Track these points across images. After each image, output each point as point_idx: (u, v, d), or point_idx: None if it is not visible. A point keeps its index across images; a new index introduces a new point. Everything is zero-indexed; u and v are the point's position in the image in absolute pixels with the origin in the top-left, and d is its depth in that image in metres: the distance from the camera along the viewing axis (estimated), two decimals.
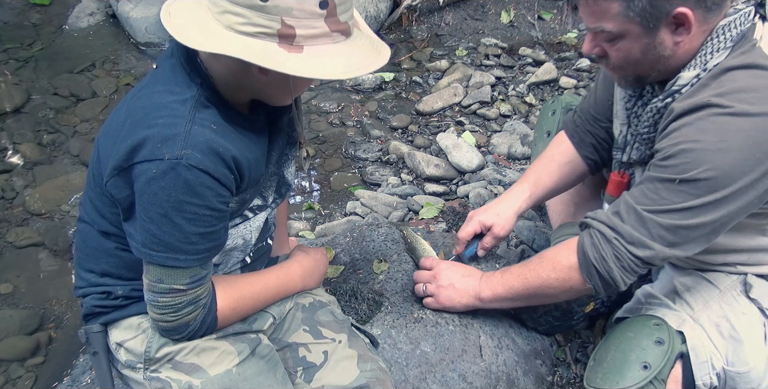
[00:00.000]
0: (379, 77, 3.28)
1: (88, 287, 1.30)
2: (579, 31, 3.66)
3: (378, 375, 1.38)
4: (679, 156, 1.25)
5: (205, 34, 1.04)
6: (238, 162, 1.12)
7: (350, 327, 1.48)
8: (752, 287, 1.48)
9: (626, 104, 1.52)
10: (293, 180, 1.44)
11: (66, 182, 2.68)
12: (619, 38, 1.29)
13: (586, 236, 1.39)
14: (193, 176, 1.06)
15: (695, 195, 1.25)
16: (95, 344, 1.30)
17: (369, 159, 2.79)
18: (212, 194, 1.09)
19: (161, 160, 1.05)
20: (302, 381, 1.38)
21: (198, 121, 1.09)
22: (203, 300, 1.20)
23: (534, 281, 1.48)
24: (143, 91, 1.16)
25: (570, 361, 1.82)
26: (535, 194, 1.76)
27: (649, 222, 1.30)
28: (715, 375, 1.43)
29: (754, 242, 1.45)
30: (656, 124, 1.42)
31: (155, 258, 1.12)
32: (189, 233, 1.11)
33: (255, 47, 1.02)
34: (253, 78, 1.11)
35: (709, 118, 1.23)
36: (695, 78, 1.30)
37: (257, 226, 1.34)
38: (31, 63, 3.45)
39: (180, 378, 1.25)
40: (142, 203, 1.09)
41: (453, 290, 1.62)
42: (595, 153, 1.76)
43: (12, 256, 2.37)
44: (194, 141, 1.06)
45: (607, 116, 1.70)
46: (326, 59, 1.05)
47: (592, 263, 1.37)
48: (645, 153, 1.50)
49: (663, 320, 1.45)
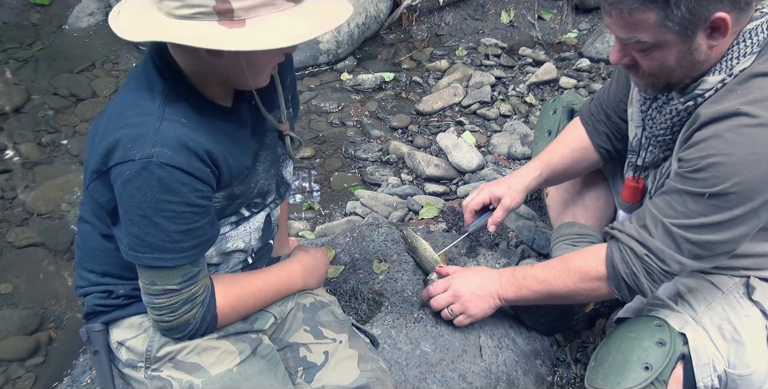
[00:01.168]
0: (379, 77, 3.28)
1: (89, 286, 1.30)
2: (579, 31, 3.66)
3: (378, 376, 1.37)
4: (709, 169, 1.23)
5: (144, 24, 1.02)
6: (212, 155, 1.10)
7: (351, 327, 1.48)
8: (755, 290, 1.48)
9: (641, 107, 1.51)
10: (292, 180, 1.43)
11: (66, 182, 2.68)
12: (653, 48, 1.25)
13: (616, 250, 1.39)
14: (166, 174, 1.05)
15: (725, 209, 1.24)
16: (96, 343, 1.30)
17: (369, 159, 2.79)
18: (189, 190, 1.08)
19: (133, 161, 1.04)
20: (303, 382, 1.38)
21: (167, 116, 1.07)
22: (200, 298, 1.19)
23: (560, 289, 1.48)
24: (120, 92, 1.16)
25: (570, 361, 1.82)
26: (545, 174, 1.76)
27: (678, 238, 1.29)
28: (716, 377, 1.42)
29: (760, 248, 1.44)
30: (674, 127, 1.41)
31: (142, 260, 1.12)
32: (171, 232, 1.09)
33: (192, 30, 0.99)
34: (210, 64, 1.08)
35: (738, 129, 1.21)
36: (720, 83, 1.28)
37: (256, 227, 1.34)
38: (31, 63, 3.45)
39: (181, 377, 1.25)
40: (122, 206, 1.09)
41: (478, 299, 1.59)
42: (608, 142, 1.75)
43: (12, 256, 2.37)
44: (163, 138, 1.05)
45: (617, 112, 1.70)
46: (269, 30, 1.00)
47: (622, 277, 1.38)
48: (658, 156, 1.50)
49: (665, 321, 1.45)
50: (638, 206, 1.62)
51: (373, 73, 3.33)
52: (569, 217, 1.91)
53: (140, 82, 1.13)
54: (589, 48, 3.42)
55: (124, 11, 1.08)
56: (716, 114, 1.24)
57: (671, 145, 1.44)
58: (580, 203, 1.92)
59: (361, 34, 3.51)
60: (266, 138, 1.31)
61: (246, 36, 0.99)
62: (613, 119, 1.72)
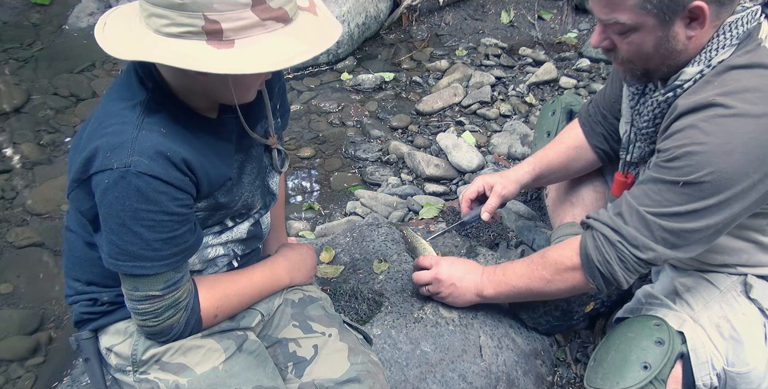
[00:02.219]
0: (379, 77, 3.28)
1: (75, 295, 1.31)
2: (579, 31, 3.66)
3: (369, 369, 1.36)
4: (684, 158, 1.24)
5: (131, 40, 1.01)
6: (189, 164, 1.10)
7: (341, 322, 1.47)
8: (752, 288, 1.48)
9: (630, 102, 1.52)
10: (277, 190, 1.43)
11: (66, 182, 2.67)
12: (632, 31, 1.27)
13: (589, 238, 1.39)
14: (144, 183, 1.04)
15: (699, 198, 1.25)
16: (86, 350, 1.31)
17: (369, 159, 2.79)
18: (167, 199, 1.08)
19: (111, 169, 1.04)
20: (293, 377, 1.37)
21: (146, 125, 1.07)
22: (183, 302, 1.19)
23: (537, 282, 1.49)
24: (102, 101, 1.16)
25: (570, 361, 1.82)
26: (537, 168, 1.79)
27: (652, 225, 1.30)
28: (715, 375, 1.43)
29: (754, 242, 1.45)
30: (656, 119, 1.41)
31: (122, 268, 1.12)
32: (150, 240, 1.09)
33: (180, 50, 0.98)
34: (195, 80, 1.07)
35: (713, 119, 1.22)
36: (698, 74, 1.30)
37: (239, 237, 1.33)
38: (31, 63, 3.45)
39: (167, 378, 1.25)
40: (102, 215, 1.09)
41: (455, 289, 1.62)
42: (605, 143, 1.76)
43: (12, 256, 2.37)
44: (141, 147, 1.04)
45: (612, 113, 1.71)
46: (258, 52, 0.99)
47: (595, 265, 1.37)
48: (645, 150, 1.50)
49: (663, 320, 1.45)
50: None
51: (373, 73, 3.33)
52: (569, 217, 1.91)
53: (122, 92, 1.12)
54: (589, 48, 3.42)
55: (110, 24, 1.07)
56: (693, 105, 1.26)
57: (654, 137, 1.45)
58: (580, 203, 1.92)
59: (361, 34, 3.51)
60: (252, 150, 1.31)
61: (234, 58, 0.98)
62: (609, 120, 1.73)
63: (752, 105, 1.20)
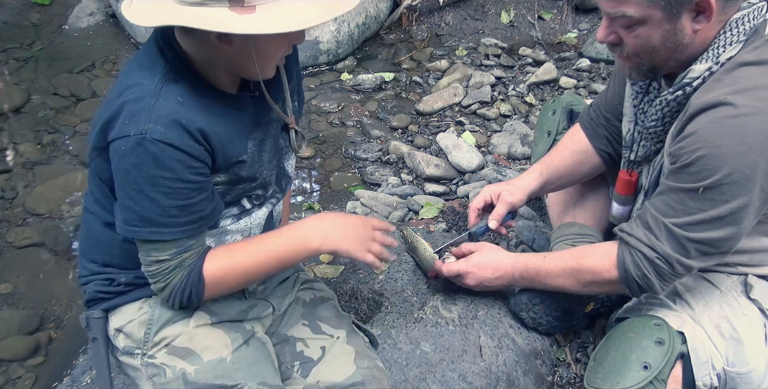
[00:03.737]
0: (379, 77, 3.28)
1: (90, 275, 1.31)
2: (579, 31, 3.66)
3: (374, 374, 1.37)
4: (699, 163, 1.24)
5: (156, 11, 1.05)
6: (205, 134, 1.12)
7: (350, 323, 1.48)
8: (753, 288, 1.48)
9: (633, 101, 1.52)
10: (293, 173, 1.44)
11: (66, 182, 2.68)
12: (639, 24, 1.26)
13: (627, 254, 1.40)
14: (159, 150, 1.07)
15: (721, 202, 1.25)
16: (95, 329, 1.31)
17: (369, 159, 2.79)
18: (182, 167, 1.10)
19: (128, 136, 1.06)
20: (298, 376, 1.38)
21: (164, 94, 1.09)
22: (188, 261, 1.20)
23: (572, 286, 1.53)
24: (123, 70, 1.19)
25: (570, 361, 1.82)
26: (545, 174, 1.76)
27: (682, 239, 1.31)
28: (715, 375, 1.43)
29: (756, 243, 1.45)
30: (665, 118, 1.41)
31: (139, 234, 1.14)
32: (167, 207, 1.11)
33: (203, 15, 1.02)
34: (219, 51, 1.10)
35: (725, 120, 1.22)
36: (707, 71, 1.29)
37: (258, 223, 1.34)
38: (31, 63, 3.45)
39: (175, 364, 1.25)
40: (119, 181, 1.11)
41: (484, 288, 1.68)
42: (609, 146, 1.76)
43: (12, 256, 2.37)
44: (157, 114, 1.07)
45: (615, 115, 1.70)
46: (279, 15, 1.03)
47: (634, 280, 1.40)
48: (650, 149, 1.50)
49: (663, 320, 1.45)
50: (631, 199, 1.64)
51: (373, 73, 3.33)
52: (569, 217, 1.91)
53: (142, 63, 1.15)
54: (589, 48, 3.42)
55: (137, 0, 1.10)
56: (704, 105, 1.25)
57: (662, 137, 1.44)
58: (580, 203, 1.92)
59: (361, 34, 3.51)
60: (271, 129, 1.33)
61: (256, 21, 1.02)
62: (612, 122, 1.72)
63: (764, 103, 1.20)
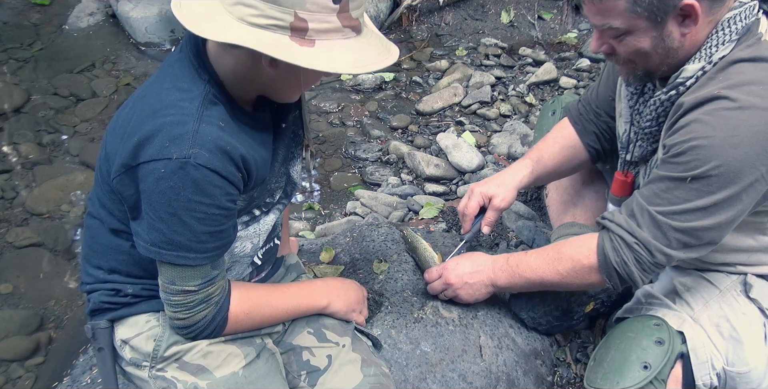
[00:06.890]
0: (379, 77, 3.28)
1: (95, 283, 1.30)
2: (579, 31, 3.66)
3: (381, 381, 1.38)
4: (690, 153, 1.25)
5: (217, 25, 1.04)
6: (246, 160, 1.12)
7: (353, 330, 1.48)
8: (752, 288, 1.48)
9: (629, 102, 1.52)
10: (299, 179, 1.44)
11: (66, 182, 2.68)
12: (626, 34, 1.28)
13: (606, 240, 1.40)
14: (202, 175, 1.06)
15: (708, 193, 1.25)
16: (101, 340, 1.30)
17: (369, 159, 2.79)
18: (221, 193, 1.09)
19: (169, 159, 1.05)
20: (306, 385, 1.38)
21: (206, 119, 1.08)
22: (215, 298, 1.20)
23: (551, 275, 1.50)
24: (151, 88, 1.15)
25: (570, 361, 1.82)
26: (536, 171, 1.77)
27: (664, 226, 1.30)
28: (715, 375, 1.43)
29: (754, 241, 1.45)
30: (659, 118, 1.42)
31: (165, 257, 1.13)
32: (199, 232, 1.11)
33: (267, 40, 1.02)
34: (262, 72, 1.10)
35: (718, 112, 1.23)
36: (700, 71, 1.30)
37: (266, 229, 1.34)
38: (31, 63, 3.45)
39: (186, 378, 1.25)
40: (151, 203, 1.09)
41: (469, 287, 1.63)
42: (597, 142, 1.76)
43: (12, 256, 2.37)
44: (202, 140, 1.06)
45: (606, 111, 1.71)
46: (337, 54, 1.04)
47: (613, 267, 1.39)
48: (647, 149, 1.50)
49: (663, 320, 1.45)
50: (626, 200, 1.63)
51: (372, 73, 3.33)
52: (569, 217, 1.91)
53: (177, 83, 1.13)
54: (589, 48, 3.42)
55: (186, 5, 1.08)
56: (698, 100, 1.26)
57: (658, 137, 1.45)
58: (580, 203, 1.92)
59: None
60: (282, 141, 1.33)
61: (318, 56, 1.03)
62: (603, 118, 1.72)
63: (757, 98, 1.21)
